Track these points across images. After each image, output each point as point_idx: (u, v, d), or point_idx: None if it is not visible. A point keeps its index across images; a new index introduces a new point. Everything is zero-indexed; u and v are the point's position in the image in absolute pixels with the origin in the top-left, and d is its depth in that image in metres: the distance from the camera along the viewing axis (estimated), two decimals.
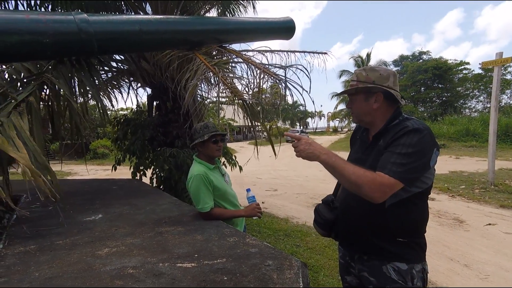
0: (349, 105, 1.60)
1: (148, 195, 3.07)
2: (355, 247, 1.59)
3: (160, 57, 3.73)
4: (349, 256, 1.66)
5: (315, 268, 3.53)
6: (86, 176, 11.87)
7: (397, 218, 1.41)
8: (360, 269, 1.55)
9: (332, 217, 1.70)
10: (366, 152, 1.55)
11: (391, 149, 1.34)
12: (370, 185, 1.27)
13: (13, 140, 1.68)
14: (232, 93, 2.84)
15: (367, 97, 1.50)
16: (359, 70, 1.55)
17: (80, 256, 1.56)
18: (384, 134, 1.48)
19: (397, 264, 1.42)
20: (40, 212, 2.46)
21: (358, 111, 1.56)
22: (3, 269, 1.42)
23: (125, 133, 4.83)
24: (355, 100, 1.55)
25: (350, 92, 1.54)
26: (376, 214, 1.42)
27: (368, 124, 1.58)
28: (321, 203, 1.81)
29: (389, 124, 1.49)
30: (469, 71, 30.31)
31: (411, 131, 1.33)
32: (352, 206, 1.53)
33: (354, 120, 1.62)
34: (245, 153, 17.29)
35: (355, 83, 1.52)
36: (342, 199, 1.64)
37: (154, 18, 3.04)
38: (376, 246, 1.47)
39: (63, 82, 2.32)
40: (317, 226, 1.78)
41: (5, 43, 1.99)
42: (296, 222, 5.58)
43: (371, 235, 1.47)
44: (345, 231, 1.64)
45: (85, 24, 2.29)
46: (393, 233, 1.44)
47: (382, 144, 1.44)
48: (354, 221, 1.53)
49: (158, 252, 1.58)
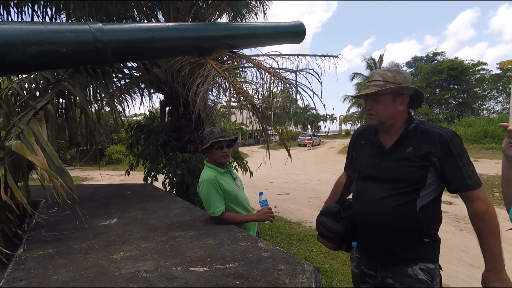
0: (370, 106, 1.51)
1: (161, 199, 3.11)
2: (379, 255, 1.54)
3: (172, 63, 3.79)
4: (367, 264, 1.61)
5: (329, 274, 3.49)
6: (101, 181, 12.12)
7: (427, 219, 1.42)
8: (383, 276, 1.51)
9: (342, 229, 1.65)
10: (385, 158, 1.50)
11: (453, 165, 1.36)
12: (491, 208, 1.34)
13: (32, 146, 1.74)
14: (242, 97, 2.86)
15: (395, 98, 1.46)
16: (382, 70, 1.50)
17: (96, 260, 1.59)
18: (407, 139, 1.46)
19: (425, 264, 1.42)
20: (58, 216, 2.52)
21: (382, 113, 1.48)
22: (24, 273, 1.47)
23: (138, 139, 4.92)
24: (380, 100, 1.47)
25: (383, 92, 1.46)
26: (408, 219, 1.41)
27: (388, 127, 1.52)
28: (323, 216, 1.75)
29: (407, 127, 1.48)
30: (487, 72, 29.57)
31: (453, 138, 1.38)
32: (382, 215, 1.46)
33: (374, 122, 1.52)
34: (256, 158, 17.37)
35: (382, 83, 1.46)
36: (364, 208, 1.55)
37: (166, 25, 3.10)
38: (404, 250, 1.45)
39: (79, 90, 2.39)
40: (324, 240, 1.73)
41: (25, 53, 2.07)
42: (309, 226, 5.53)
43: (401, 241, 1.44)
44: (369, 241, 1.57)
45: (100, 33, 2.36)
46: (422, 235, 1.43)
47: (413, 152, 1.41)
48: (384, 229, 1.47)
49: (171, 256, 1.59)
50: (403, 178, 1.42)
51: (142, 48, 2.78)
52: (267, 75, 3.38)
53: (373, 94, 1.47)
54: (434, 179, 1.40)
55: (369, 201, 1.51)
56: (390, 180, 1.46)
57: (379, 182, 1.50)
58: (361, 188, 1.60)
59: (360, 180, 1.64)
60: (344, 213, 1.68)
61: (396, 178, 1.44)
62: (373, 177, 1.54)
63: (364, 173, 1.60)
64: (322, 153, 24.50)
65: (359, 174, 1.65)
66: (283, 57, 4.36)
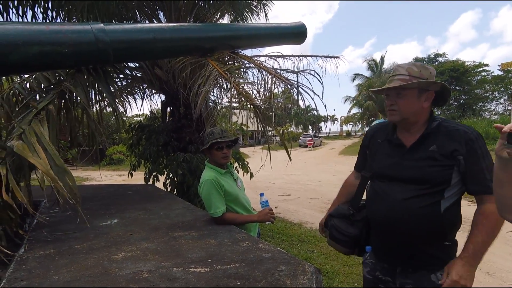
0: (392, 101, 1.43)
1: (162, 200, 3.11)
2: (400, 260, 1.47)
3: (173, 64, 3.80)
4: (384, 270, 1.53)
5: (329, 275, 3.48)
6: (102, 181, 12.13)
7: (450, 221, 1.38)
8: (402, 282, 1.45)
9: (356, 232, 1.58)
10: (406, 157, 1.43)
11: (476, 165, 1.31)
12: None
13: (33, 146, 1.74)
14: (244, 98, 2.86)
15: (420, 94, 1.39)
16: (407, 64, 1.44)
17: (97, 260, 1.59)
18: (430, 137, 1.40)
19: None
20: (59, 217, 2.53)
21: (406, 109, 1.40)
22: (25, 273, 1.47)
23: (139, 139, 4.93)
24: (404, 95, 1.40)
25: (409, 87, 1.38)
26: (433, 221, 1.35)
27: (410, 124, 1.45)
28: (335, 218, 1.67)
29: (430, 125, 1.42)
30: (488, 73, 29.51)
31: (479, 138, 1.34)
32: (406, 217, 1.38)
33: (396, 118, 1.44)
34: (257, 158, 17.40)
35: (407, 77, 1.39)
36: (385, 210, 1.45)
37: (168, 26, 3.11)
38: (427, 254, 1.39)
39: (80, 90, 2.39)
40: (337, 244, 1.65)
41: (27, 54, 2.07)
42: (309, 227, 5.52)
43: (424, 244, 1.39)
44: (389, 245, 1.49)
45: (101, 34, 2.36)
46: (445, 237, 1.39)
47: (437, 150, 1.36)
48: (408, 232, 1.39)
49: (172, 256, 1.59)
50: (427, 178, 1.36)
51: (143, 48, 2.78)
52: (268, 75, 3.38)
53: (398, 88, 1.40)
54: (458, 179, 1.35)
55: (391, 202, 1.43)
56: (412, 181, 1.39)
57: (400, 182, 1.43)
58: (380, 189, 1.51)
59: (377, 180, 1.55)
60: (357, 215, 1.60)
61: (420, 178, 1.38)
62: (393, 176, 1.46)
63: (383, 173, 1.52)
64: (323, 154, 24.48)
65: (376, 173, 1.56)
66: (285, 57, 4.36)
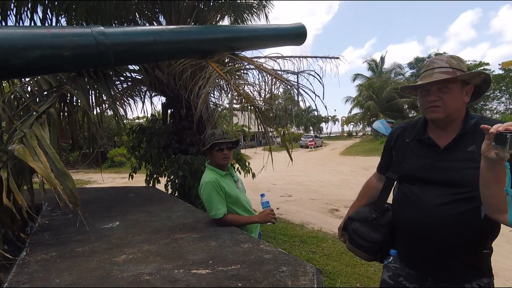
0: (436, 96, 1.29)
1: (164, 202, 3.11)
2: (433, 268, 1.36)
3: (174, 66, 3.81)
4: (409, 276, 1.44)
5: (331, 275, 3.47)
6: (103, 184, 12.15)
7: (490, 228, 1.26)
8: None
9: (380, 238, 1.49)
10: (441, 158, 1.33)
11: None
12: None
13: (34, 150, 1.75)
14: (244, 99, 2.87)
15: (462, 88, 1.28)
16: (446, 57, 1.32)
17: (98, 263, 1.59)
18: (468, 137, 1.29)
19: (483, 281, 1.29)
20: (61, 220, 2.53)
21: (452, 104, 1.28)
22: (27, 276, 1.47)
23: (140, 141, 4.94)
24: (450, 90, 1.27)
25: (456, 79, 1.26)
26: (474, 228, 1.24)
27: (449, 122, 1.33)
28: (356, 222, 1.58)
29: (467, 123, 1.31)
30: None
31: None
32: (441, 223, 1.27)
33: (440, 115, 1.30)
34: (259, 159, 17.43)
35: (450, 70, 1.26)
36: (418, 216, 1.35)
37: (168, 28, 3.12)
38: (464, 263, 1.29)
39: (81, 93, 2.40)
40: (358, 250, 1.56)
41: (28, 57, 2.08)
42: (311, 228, 5.51)
43: (461, 253, 1.28)
44: (421, 252, 1.38)
45: (102, 37, 2.37)
46: (485, 245, 1.29)
47: (477, 151, 1.19)
48: (444, 240, 1.29)
49: (173, 258, 1.59)
50: (466, 181, 1.23)
51: (144, 51, 2.79)
52: (269, 77, 3.38)
53: (444, 81, 1.26)
54: None
55: (426, 207, 1.31)
56: (449, 184, 1.28)
57: (434, 185, 1.32)
58: (410, 192, 1.40)
59: (406, 183, 1.44)
60: (381, 220, 1.51)
61: (458, 181, 1.26)
62: (426, 179, 1.35)
63: (414, 175, 1.41)
64: (324, 154, 24.47)
65: (405, 176, 1.45)
66: (285, 59, 4.36)
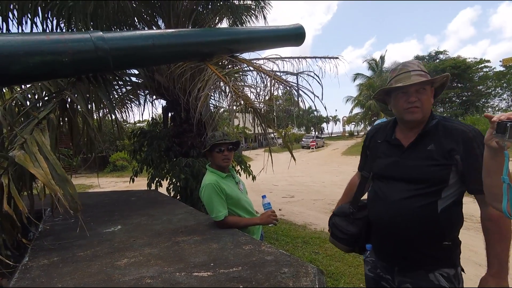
0: (415, 98, 1.36)
1: (165, 205, 3.12)
2: (397, 259, 1.47)
3: (173, 69, 3.82)
4: (384, 268, 1.55)
5: (335, 276, 3.46)
6: (105, 188, 12.18)
7: (448, 221, 1.35)
8: (401, 281, 1.45)
9: (355, 230, 1.60)
10: (404, 156, 1.43)
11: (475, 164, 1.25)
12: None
13: (35, 156, 1.75)
14: (243, 101, 2.87)
15: (431, 90, 1.39)
16: (416, 61, 1.44)
17: (100, 267, 1.60)
18: (428, 136, 1.39)
19: (445, 270, 1.37)
20: (63, 225, 2.54)
21: (427, 105, 1.38)
22: (29, 281, 1.47)
23: (141, 145, 4.96)
24: (426, 92, 1.36)
25: (440, 81, 1.38)
26: (430, 222, 1.34)
27: (420, 122, 1.42)
28: (336, 217, 1.71)
29: (428, 124, 1.41)
30: (490, 69, 29.36)
31: (477, 136, 1.31)
32: (402, 217, 1.38)
33: (419, 115, 1.38)
34: (260, 161, 17.42)
35: (423, 73, 1.37)
36: (382, 210, 1.47)
37: (167, 32, 3.13)
38: (424, 254, 1.39)
39: (81, 98, 2.41)
40: (338, 242, 1.68)
41: (28, 64, 2.09)
42: (314, 228, 5.50)
43: (421, 244, 1.38)
44: (386, 244, 1.50)
45: (101, 42, 2.38)
46: (443, 238, 1.37)
47: (435, 149, 1.34)
48: (404, 232, 1.39)
49: (175, 261, 1.59)
50: (424, 178, 1.35)
51: (143, 55, 2.80)
52: (268, 78, 3.39)
53: (422, 83, 1.35)
54: (456, 180, 1.33)
55: (389, 202, 1.43)
56: (410, 180, 1.39)
57: (399, 182, 1.43)
58: (379, 189, 1.52)
59: (376, 180, 1.56)
60: (357, 214, 1.62)
61: (417, 177, 1.37)
62: (392, 176, 1.46)
63: (382, 173, 1.53)
64: (326, 155, 24.43)
65: (375, 173, 1.57)
66: (284, 60, 4.37)
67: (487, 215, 1.30)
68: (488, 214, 1.29)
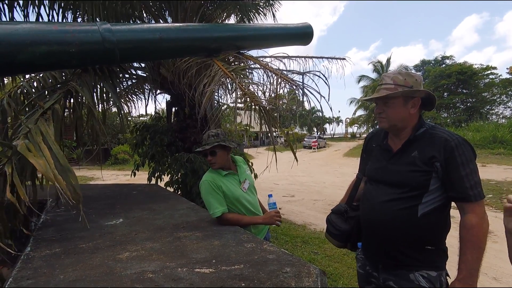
0: (380, 109, 1.51)
1: (167, 200, 3.11)
2: (380, 257, 1.55)
3: (179, 64, 3.81)
4: (371, 265, 1.62)
5: (333, 277, 3.46)
6: (107, 181, 12.20)
7: (429, 226, 1.41)
8: (385, 278, 1.52)
9: (347, 228, 1.69)
10: (392, 161, 1.52)
11: (455, 172, 1.33)
12: (484, 225, 1.32)
13: (39, 145, 1.75)
14: (249, 99, 2.85)
15: (406, 102, 1.46)
16: (393, 73, 1.50)
17: (102, 259, 1.59)
18: (414, 143, 1.46)
19: (427, 272, 1.42)
20: (65, 216, 2.54)
21: (393, 116, 1.48)
22: (31, 271, 1.47)
23: (143, 139, 4.95)
24: (392, 104, 1.47)
25: (393, 95, 1.46)
26: (410, 225, 1.41)
27: (398, 130, 1.52)
28: (332, 214, 1.80)
29: (416, 131, 1.48)
30: (496, 76, 29.13)
31: (459, 145, 1.35)
32: (384, 218, 1.48)
33: (385, 125, 1.53)
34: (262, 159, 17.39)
35: (392, 86, 1.45)
36: (368, 210, 1.59)
37: (174, 26, 3.11)
38: (405, 255, 1.45)
39: (86, 90, 2.40)
40: (331, 237, 1.76)
41: (34, 53, 2.07)
42: (313, 228, 5.49)
43: (401, 246, 1.45)
44: (371, 243, 1.61)
45: (108, 34, 2.36)
46: (424, 242, 1.43)
47: (418, 156, 1.42)
48: (385, 233, 1.49)
49: (177, 257, 1.59)
50: (405, 183, 1.43)
51: (149, 48, 2.78)
52: (274, 76, 3.37)
53: (383, 98, 1.47)
54: (438, 186, 1.39)
55: (373, 203, 1.54)
56: (393, 184, 1.48)
57: (384, 185, 1.52)
58: (368, 191, 1.63)
59: (368, 182, 1.67)
60: (351, 213, 1.71)
61: (398, 182, 1.46)
62: (379, 180, 1.57)
63: (372, 176, 1.64)
64: (327, 155, 24.39)
65: (367, 176, 1.68)
66: (290, 58, 4.35)
67: (463, 222, 1.35)
68: (464, 222, 1.35)
